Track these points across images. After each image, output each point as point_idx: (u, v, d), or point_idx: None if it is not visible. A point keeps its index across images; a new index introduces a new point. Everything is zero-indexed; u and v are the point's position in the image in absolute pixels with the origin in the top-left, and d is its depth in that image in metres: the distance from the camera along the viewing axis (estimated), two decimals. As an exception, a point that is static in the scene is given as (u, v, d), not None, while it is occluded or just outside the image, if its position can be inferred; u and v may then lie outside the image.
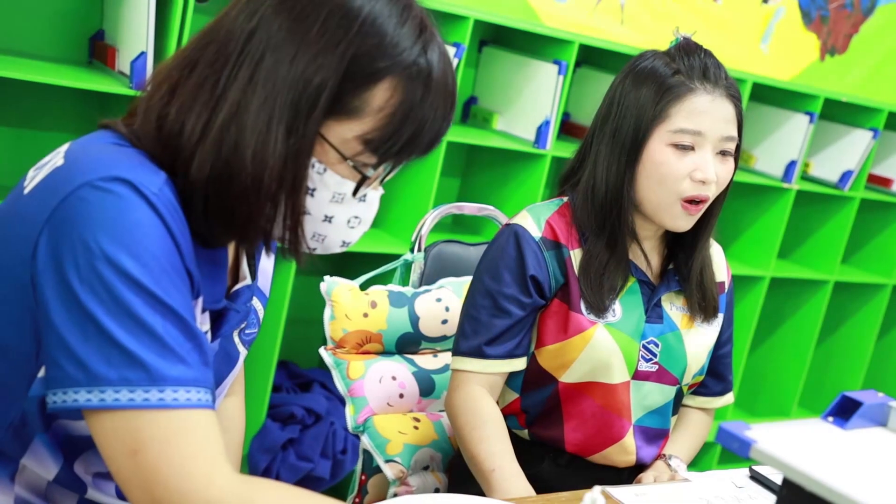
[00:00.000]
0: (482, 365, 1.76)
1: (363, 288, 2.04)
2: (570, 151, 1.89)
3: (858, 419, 1.06)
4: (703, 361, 1.86)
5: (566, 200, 1.84)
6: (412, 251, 2.17)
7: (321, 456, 3.05)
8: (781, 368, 4.30)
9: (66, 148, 1.19)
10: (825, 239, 4.20)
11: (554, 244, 1.78)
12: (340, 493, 3.03)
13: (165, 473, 1.07)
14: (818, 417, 1.08)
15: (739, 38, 3.93)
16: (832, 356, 4.53)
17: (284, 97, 1.12)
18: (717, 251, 1.93)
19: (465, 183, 3.60)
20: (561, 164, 1.90)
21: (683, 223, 1.74)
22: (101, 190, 1.09)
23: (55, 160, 1.17)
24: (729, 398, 1.99)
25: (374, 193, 1.25)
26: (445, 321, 2.07)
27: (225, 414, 1.57)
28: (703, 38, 1.82)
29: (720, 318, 1.89)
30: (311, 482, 3.06)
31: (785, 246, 4.22)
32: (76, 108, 2.76)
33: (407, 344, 2.06)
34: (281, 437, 3.01)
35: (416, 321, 2.04)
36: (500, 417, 1.76)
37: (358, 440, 2.03)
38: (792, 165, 3.85)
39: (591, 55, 3.57)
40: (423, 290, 2.10)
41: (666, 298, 1.82)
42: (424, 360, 2.09)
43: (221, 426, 1.53)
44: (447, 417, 1.86)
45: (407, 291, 2.08)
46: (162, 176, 1.14)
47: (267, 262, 1.47)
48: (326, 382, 3.22)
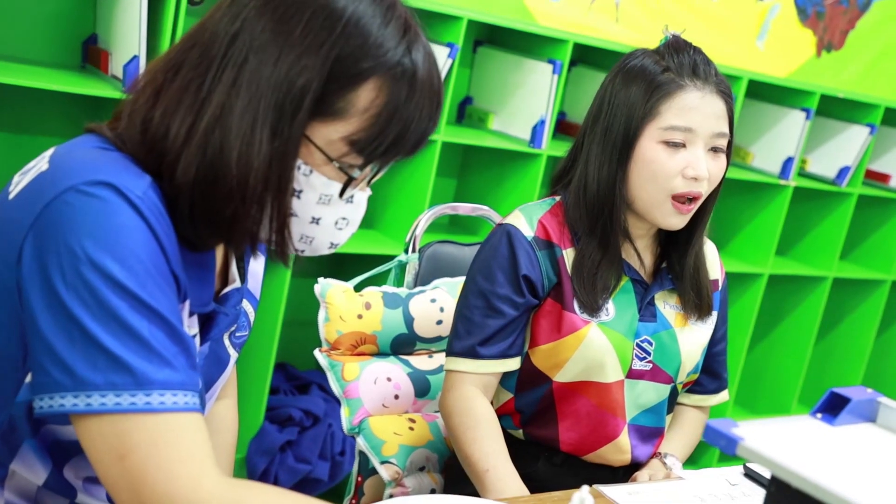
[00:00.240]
0: (476, 365, 1.76)
1: (357, 289, 2.04)
2: (565, 151, 1.89)
3: (847, 415, 1.06)
4: (697, 359, 1.85)
5: (558, 200, 1.83)
6: (406, 252, 2.17)
7: (319, 458, 3.04)
8: (781, 366, 4.30)
9: (50, 153, 1.18)
10: (823, 235, 4.20)
11: (546, 244, 1.78)
12: (339, 494, 3.03)
13: (153, 477, 1.07)
14: (807, 414, 1.07)
15: (735, 35, 3.92)
16: (831, 353, 4.53)
17: (269, 99, 1.12)
18: (710, 249, 1.93)
19: (461, 183, 3.60)
20: (557, 163, 1.90)
21: (676, 221, 1.74)
22: (85, 194, 1.08)
23: (40, 165, 1.16)
24: (724, 396, 1.98)
25: (361, 194, 1.24)
26: (440, 322, 2.06)
27: (217, 416, 1.57)
28: (698, 35, 1.82)
29: (714, 315, 1.88)
30: (309, 484, 3.05)
31: (783, 243, 4.22)
32: (70, 112, 2.76)
33: (402, 345, 2.06)
34: (279, 439, 3.01)
35: (410, 322, 2.04)
36: (493, 418, 1.76)
37: (356, 442, 2.03)
38: (789, 162, 3.85)
39: (586, 54, 3.57)
40: (417, 290, 2.10)
41: (659, 297, 1.82)
42: (419, 360, 2.09)
43: (214, 429, 1.54)
44: (441, 418, 1.85)
45: (401, 292, 2.07)
46: (147, 179, 1.14)
47: (257, 264, 1.47)
48: (324, 384, 3.22)
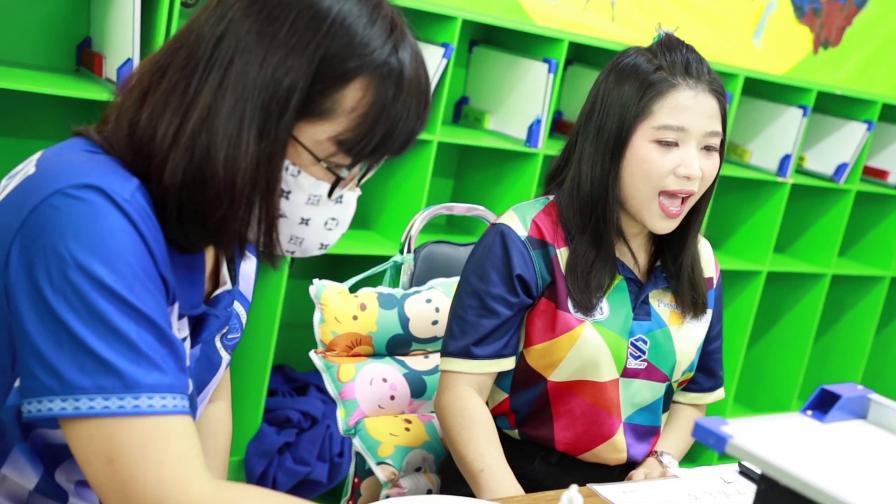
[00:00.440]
0: (470, 365, 1.76)
1: (352, 290, 2.03)
2: (560, 150, 1.88)
3: (837, 412, 1.06)
4: (692, 358, 1.85)
5: (552, 199, 1.83)
6: (402, 253, 2.16)
7: (318, 459, 3.04)
8: (780, 363, 4.29)
9: (38, 156, 1.18)
10: (821, 232, 4.20)
11: (540, 243, 1.77)
12: (338, 496, 3.03)
13: (142, 480, 1.07)
14: (797, 411, 1.07)
15: (732, 33, 3.92)
16: (831, 350, 4.53)
17: (255, 100, 1.12)
18: (704, 247, 1.92)
19: (458, 183, 3.60)
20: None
21: (663, 225, 1.73)
22: (72, 198, 1.08)
23: (27, 168, 1.16)
24: (720, 393, 1.98)
25: (350, 195, 1.24)
26: (436, 322, 2.06)
27: (211, 419, 1.57)
28: (694, 33, 1.81)
29: (709, 313, 1.88)
30: (308, 486, 3.05)
31: (781, 240, 4.21)
32: (64, 115, 2.76)
33: (397, 345, 2.05)
34: (277, 441, 3.01)
35: (405, 323, 2.04)
36: (488, 418, 1.75)
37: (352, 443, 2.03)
38: (786, 159, 3.85)
39: (582, 53, 3.57)
40: (412, 291, 2.09)
41: (653, 296, 1.82)
42: (415, 361, 2.09)
43: (207, 431, 1.54)
44: (437, 419, 1.85)
45: (396, 293, 2.07)
46: (134, 182, 1.13)
47: (248, 266, 1.46)
48: (322, 386, 3.22)
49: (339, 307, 1.98)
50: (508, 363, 1.78)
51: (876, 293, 4.39)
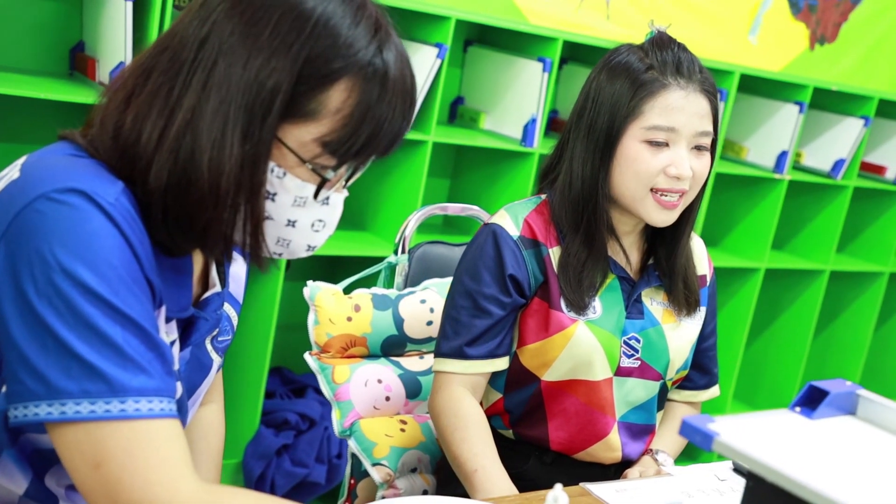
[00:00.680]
0: (464, 366, 1.76)
1: (347, 292, 2.03)
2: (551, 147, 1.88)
3: (826, 408, 1.05)
4: (686, 356, 1.84)
5: (544, 198, 1.83)
6: (396, 253, 2.16)
7: (316, 461, 3.04)
8: (780, 360, 4.29)
9: (22, 160, 1.18)
10: (819, 228, 4.19)
11: (532, 243, 1.77)
12: (336, 497, 3.03)
13: (129, 484, 1.06)
14: (786, 408, 1.07)
15: (727, 30, 3.91)
16: (830, 346, 4.52)
17: (239, 102, 1.12)
18: (698, 244, 1.92)
19: (454, 183, 3.60)
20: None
21: (661, 217, 1.73)
22: (56, 202, 1.08)
23: (11, 173, 1.16)
24: (715, 391, 1.98)
25: (337, 196, 1.24)
26: (430, 322, 2.06)
27: (203, 421, 1.56)
28: (690, 31, 1.81)
29: (702, 311, 1.88)
30: (306, 488, 3.05)
31: (779, 237, 4.21)
32: (58, 120, 2.74)
33: (392, 346, 2.05)
34: (275, 443, 3.01)
35: (400, 323, 2.03)
36: (482, 418, 1.75)
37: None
38: (783, 156, 3.84)
39: (577, 52, 3.57)
40: (407, 292, 2.09)
41: (646, 294, 1.81)
42: (410, 362, 2.08)
43: (200, 433, 1.54)
44: (431, 419, 1.85)
45: (391, 294, 2.07)
46: (119, 185, 1.13)
47: (238, 268, 1.46)
48: (320, 387, 3.22)
49: (333, 309, 1.98)
50: (502, 363, 1.78)
51: (875, 289, 4.39)
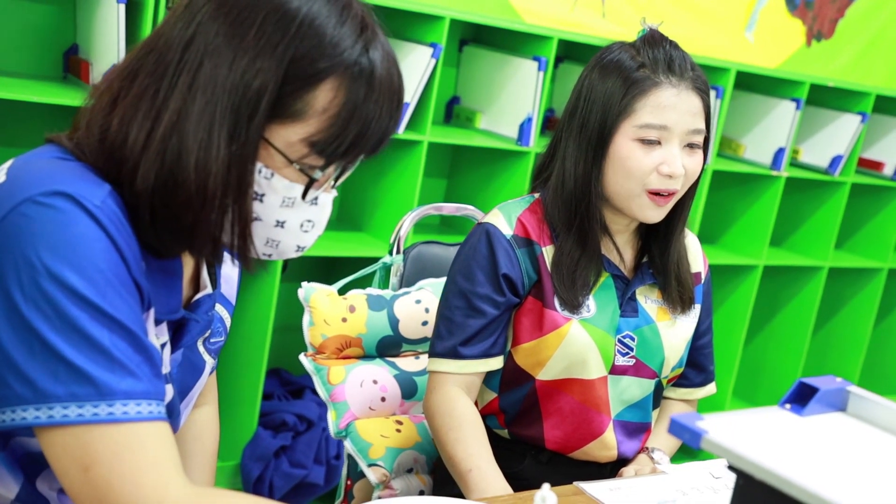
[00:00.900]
0: (458, 366, 1.75)
1: (342, 293, 2.03)
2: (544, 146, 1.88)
3: (816, 405, 1.05)
4: (681, 353, 1.84)
5: (538, 197, 1.83)
6: (391, 254, 2.16)
7: (314, 462, 3.04)
8: (779, 357, 4.28)
9: (8, 164, 1.18)
10: (817, 225, 4.19)
11: (525, 242, 1.77)
12: (335, 498, 3.02)
13: (118, 488, 1.06)
14: (775, 405, 1.06)
15: (724, 27, 3.91)
16: (829, 343, 4.51)
17: (225, 103, 1.11)
18: (692, 242, 1.92)
19: (451, 183, 3.59)
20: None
21: (653, 214, 1.73)
22: (42, 205, 1.08)
23: (-3, 177, 1.16)
24: (711, 388, 1.97)
25: (325, 196, 1.23)
26: (425, 323, 2.05)
27: (197, 423, 1.56)
28: (686, 28, 1.80)
29: (697, 308, 1.87)
30: (305, 489, 3.05)
31: (777, 234, 4.21)
32: (52, 123, 2.75)
33: (387, 347, 2.05)
34: (273, 444, 3.00)
35: (395, 324, 2.03)
36: (477, 418, 1.75)
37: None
38: (780, 153, 3.84)
39: (573, 50, 3.56)
40: (401, 292, 2.09)
41: (640, 292, 1.81)
42: (406, 362, 2.08)
43: (194, 435, 1.54)
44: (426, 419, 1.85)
45: (386, 294, 2.07)
46: (105, 188, 1.13)
47: (231, 269, 1.46)
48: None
49: (327, 310, 1.98)
50: (496, 363, 1.77)
51: (873, 285, 4.38)
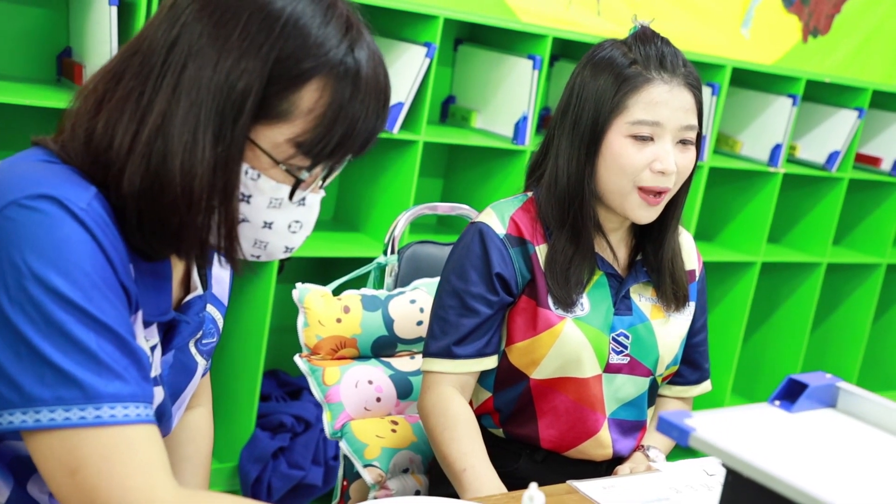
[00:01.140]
0: (452, 365, 1.75)
1: (336, 293, 2.03)
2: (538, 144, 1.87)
3: (805, 401, 1.04)
4: (675, 351, 1.84)
5: (531, 196, 1.82)
6: (385, 254, 2.15)
7: (312, 463, 3.03)
8: (778, 353, 4.28)
9: None
10: (815, 221, 4.18)
11: (519, 241, 1.76)
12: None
13: (106, 491, 1.06)
14: (764, 402, 1.06)
15: (719, 23, 3.90)
16: (828, 339, 4.51)
17: (209, 104, 1.11)
18: (686, 239, 1.91)
19: (447, 183, 3.59)
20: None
21: (645, 214, 1.72)
22: (27, 208, 1.07)
23: (-18, 181, 1.15)
24: (706, 386, 1.97)
25: (313, 196, 1.23)
26: (420, 323, 2.05)
27: (190, 425, 1.56)
28: (682, 25, 1.80)
29: (691, 306, 1.87)
30: (303, 490, 3.05)
31: (775, 230, 4.20)
32: (46, 126, 2.74)
33: (382, 347, 2.05)
34: (271, 445, 3.00)
35: (390, 324, 2.03)
36: (471, 417, 1.75)
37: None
38: (777, 149, 3.84)
39: (569, 48, 3.56)
40: (396, 292, 2.08)
41: (634, 290, 1.81)
42: (401, 362, 2.08)
43: (187, 437, 1.53)
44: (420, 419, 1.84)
45: (380, 294, 2.06)
46: (91, 191, 1.12)
47: (222, 270, 1.45)
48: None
49: (322, 310, 1.98)
50: (490, 362, 1.77)
51: (872, 281, 4.38)
